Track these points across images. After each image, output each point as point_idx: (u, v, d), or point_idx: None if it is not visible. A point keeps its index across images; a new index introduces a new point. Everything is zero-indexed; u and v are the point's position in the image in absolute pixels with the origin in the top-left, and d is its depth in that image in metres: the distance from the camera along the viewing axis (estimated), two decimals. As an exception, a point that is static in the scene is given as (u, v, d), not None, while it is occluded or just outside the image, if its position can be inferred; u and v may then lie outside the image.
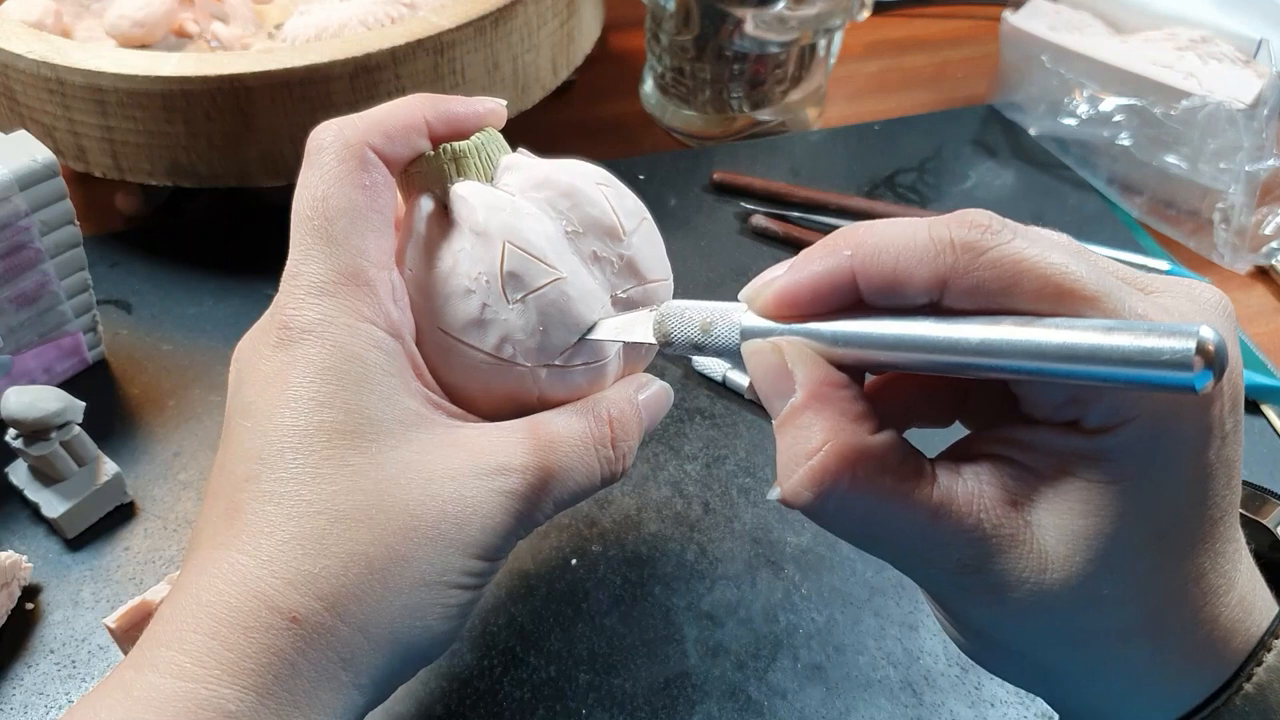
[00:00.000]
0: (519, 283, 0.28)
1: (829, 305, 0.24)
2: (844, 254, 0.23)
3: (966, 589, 0.24)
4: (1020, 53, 0.67)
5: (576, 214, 0.29)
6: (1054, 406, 0.23)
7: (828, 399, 0.23)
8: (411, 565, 0.25)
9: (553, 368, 0.29)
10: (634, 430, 0.30)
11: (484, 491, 0.26)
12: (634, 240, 0.30)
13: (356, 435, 0.26)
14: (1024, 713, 0.37)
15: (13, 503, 0.43)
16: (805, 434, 0.23)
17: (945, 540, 0.23)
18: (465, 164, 0.30)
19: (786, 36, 0.62)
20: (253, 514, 0.25)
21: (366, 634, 0.25)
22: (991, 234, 0.22)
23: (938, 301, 0.22)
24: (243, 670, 0.23)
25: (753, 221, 0.59)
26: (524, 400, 0.29)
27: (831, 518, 0.24)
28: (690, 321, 0.27)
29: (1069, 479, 0.23)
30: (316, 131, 0.29)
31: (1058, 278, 0.21)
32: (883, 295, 0.23)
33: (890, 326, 0.23)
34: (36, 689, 0.37)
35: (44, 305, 0.45)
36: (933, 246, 0.22)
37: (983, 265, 0.22)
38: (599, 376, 0.30)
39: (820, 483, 0.23)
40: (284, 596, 0.24)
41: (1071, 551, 0.23)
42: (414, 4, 0.59)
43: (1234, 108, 0.57)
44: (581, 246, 0.29)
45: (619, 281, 0.30)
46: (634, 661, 0.39)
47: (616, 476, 0.30)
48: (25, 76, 0.50)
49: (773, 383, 0.24)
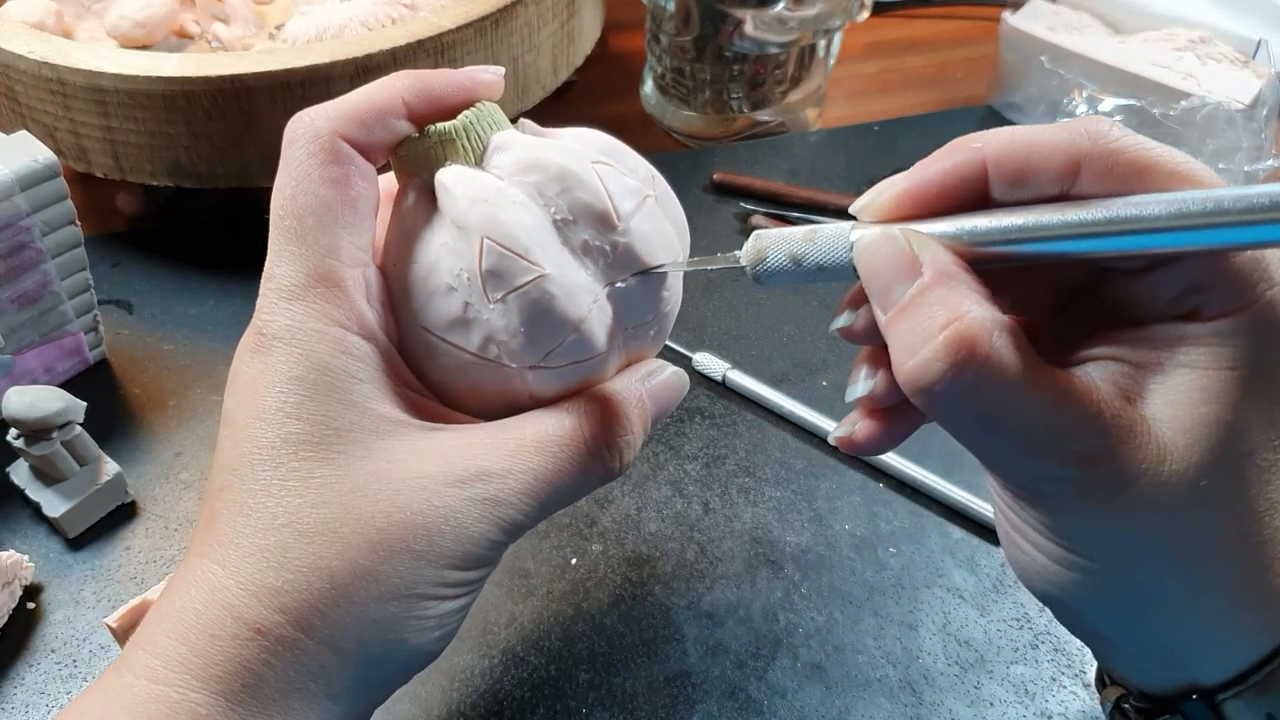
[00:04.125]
0: (499, 281, 0.26)
1: (953, 202, 0.24)
2: (973, 146, 0.24)
3: (1079, 486, 0.23)
4: (1019, 53, 0.67)
5: (566, 200, 0.27)
6: (1171, 298, 0.23)
7: (958, 277, 0.23)
8: (378, 579, 0.24)
9: (539, 368, 0.27)
10: (634, 424, 0.28)
11: (458, 500, 0.25)
12: (632, 224, 0.27)
13: (323, 446, 0.25)
14: (1023, 712, 0.38)
15: (14, 502, 0.43)
16: (937, 309, 0.23)
17: (1067, 428, 0.23)
18: (453, 146, 0.27)
19: (786, 37, 0.62)
20: (225, 524, 0.25)
21: (333, 648, 0.24)
22: (1118, 127, 0.23)
23: (1066, 192, 0.23)
24: (210, 677, 0.24)
25: (752, 222, 0.60)
26: (516, 400, 0.28)
27: (955, 399, 0.23)
28: (788, 236, 0.26)
29: (1185, 370, 0.23)
30: (290, 124, 0.27)
31: (1185, 164, 0.23)
32: (1014, 184, 0.23)
33: (1026, 215, 0.23)
34: (38, 688, 0.37)
35: (45, 305, 0.46)
36: (1067, 134, 0.23)
37: (1118, 149, 0.23)
38: (594, 372, 0.28)
39: (957, 351, 0.22)
40: (248, 608, 0.24)
41: (1191, 441, 0.23)
42: (415, 5, 0.59)
43: (1233, 108, 0.57)
44: (571, 236, 0.27)
45: (614, 271, 0.27)
46: (634, 661, 0.39)
47: (614, 473, 0.28)
48: (26, 77, 0.50)
49: (894, 269, 0.24)
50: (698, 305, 0.54)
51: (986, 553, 0.43)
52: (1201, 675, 0.26)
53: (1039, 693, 0.38)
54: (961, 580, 0.42)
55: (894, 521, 0.44)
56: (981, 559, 0.43)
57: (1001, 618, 0.41)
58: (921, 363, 0.23)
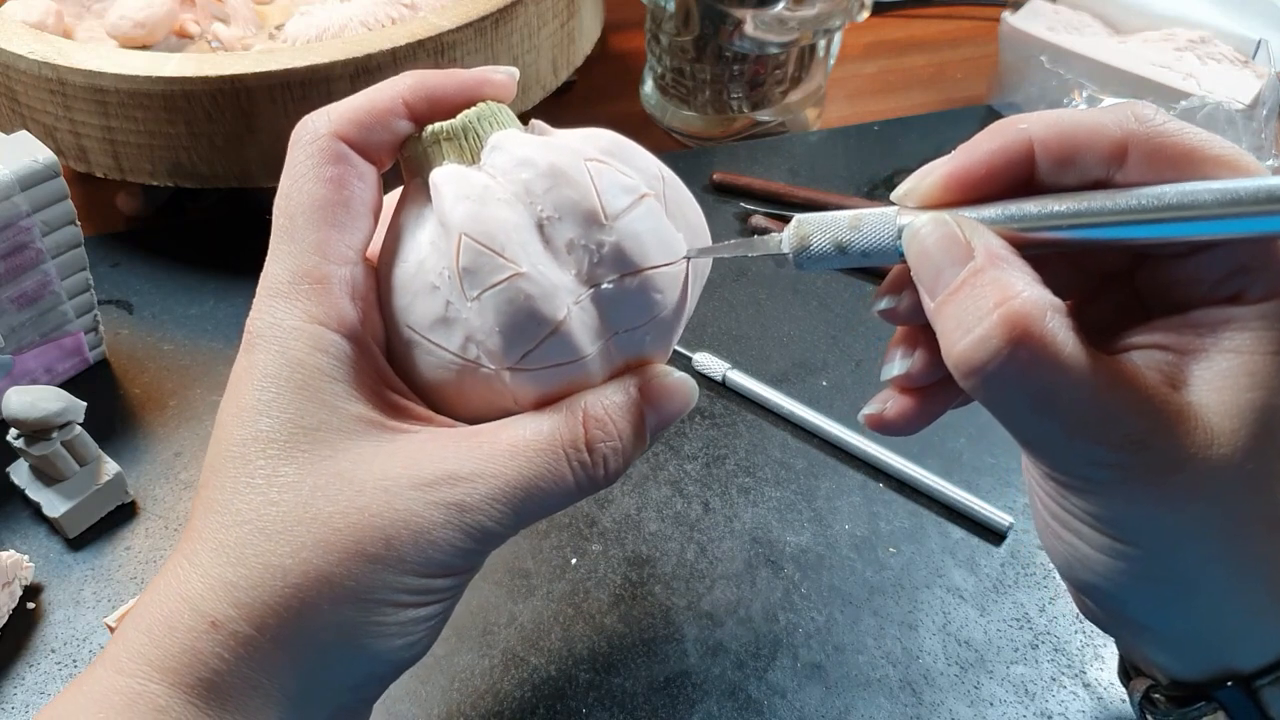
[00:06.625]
0: (474, 278, 0.25)
1: (998, 186, 0.24)
2: (1019, 128, 0.24)
3: (1129, 470, 0.23)
4: (1019, 53, 0.67)
5: (553, 197, 0.26)
6: (1214, 282, 0.24)
7: (1010, 260, 0.23)
8: (330, 582, 0.24)
9: (517, 370, 0.26)
10: (621, 429, 0.26)
11: (421, 504, 0.24)
12: (623, 224, 0.26)
13: (290, 444, 0.25)
14: (1023, 712, 0.38)
15: (14, 502, 0.43)
16: (990, 290, 0.23)
17: (1119, 412, 0.23)
18: (450, 145, 0.27)
19: (786, 37, 0.62)
20: (198, 520, 0.25)
21: (286, 648, 0.24)
22: (1163, 113, 0.23)
23: (1112, 176, 0.23)
24: (167, 669, 0.24)
25: (752, 222, 0.60)
26: (499, 404, 0.27)
27: (1008, 379, 0.23)
28: (833, 222, 0.25)
29: (1230, 355, 0.23)
30: (294, 129, 0.27)
31: (1232, 151, 0.23)
32: (1061, 167, 0.24)
33: (1077, 200, 0.23)
34: (38, 688, 0.37)
35: (45, 305, 0.46)
36: (1114, 116, 0.23)
37: (1165, 133, 0.23)
38: (577, 376, 0.27)
39: (1014, 327, 0.22)
40: (205, 601, 0.24)
41: (1238, 426, 0.23)
42: (415, 5, 0.59)
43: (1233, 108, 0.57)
44: (555, 235, 0.26)
45: (601, 272, 0.26)
46: (634, 661, 0.39)
47: (598, 482, 0.26)
48: (27, 77, 0.50)
49: (945, 254, 0.24)
50: (698, 305, 0.54)
51: (986, 553, 0.43)
52: (1238, 661, 0.26)
53: (1039, 693, 0.38)
54: (961, 580, 0.42)
55: (894, 521, 0.44)
56: (981, 559, 0.43)
57: (1001, 618, 0.41)
58: (975, 341, 0.22)
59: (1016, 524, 0.43)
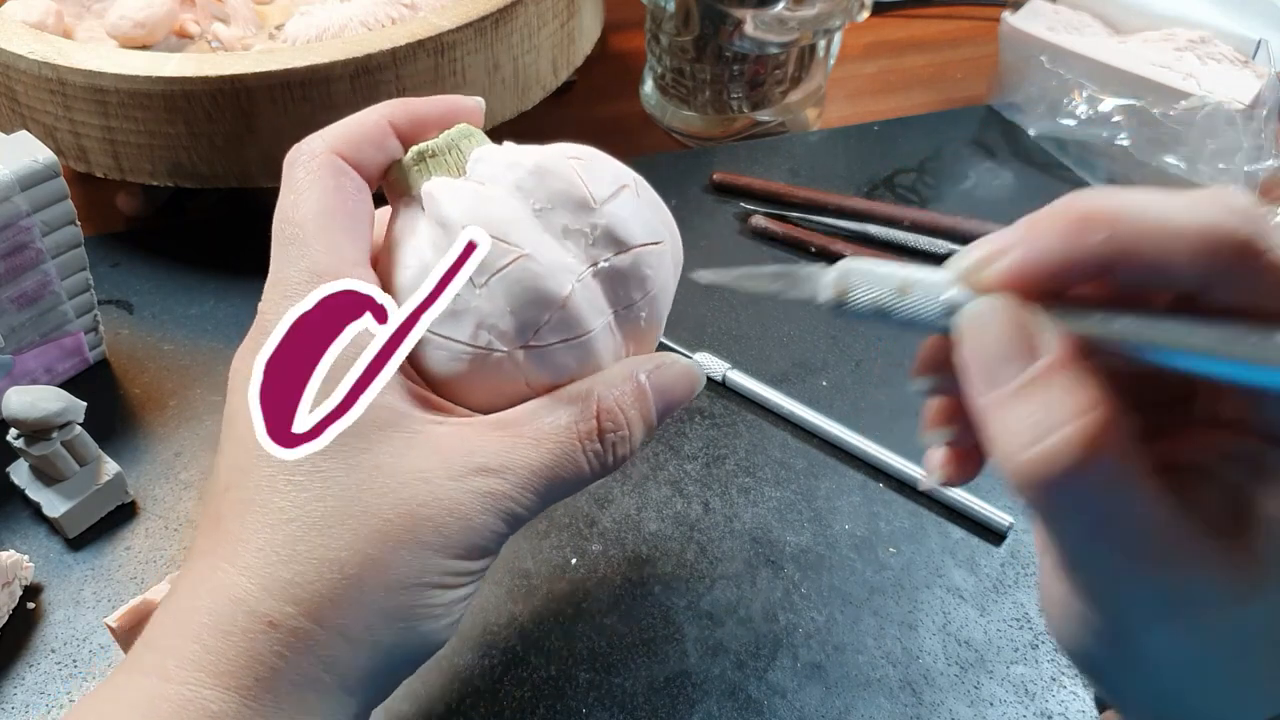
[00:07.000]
0: (482, 266, 0.27)
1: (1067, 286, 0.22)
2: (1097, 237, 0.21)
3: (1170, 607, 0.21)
4: (1019, 53, 0.67)
5: (543, 190, 0.28)
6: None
7: (1083, 365, 0.21)
8: (387, 569, 0.25)
9: (530, 349, 0.28)
10: (630, 419, 0.28)
11: (460, 493, 0.26)
12: (609, 208, 0.28)
13: None
14: (1023, 712, 0.38)
15: (14, 502, 0.43)
16: (1064, 397, 0.20)
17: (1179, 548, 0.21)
18: (436, 162, 0.30)
19: (786, 37, 0.62)
20: (232, 522, 0.26)
21: (346, 638, 0.25)
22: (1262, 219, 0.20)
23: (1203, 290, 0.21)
24: (223, 672, 0.24)
25: (752, 222, 0.60)
26: (513, 389, 0.28)
27: (1077, 496, 0.20)
28: (882, 279, 0.23)
29: None
30: (288, 153, 0.29)
31: None
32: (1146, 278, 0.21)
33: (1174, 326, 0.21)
34: (38, 688, 0.37)
35: (45, 305, 0.46)
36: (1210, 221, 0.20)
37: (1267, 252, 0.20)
38: (586, 354, 0.28)
39: (1095, 439, 0.20)
40: (260, 602, 0.24)
41: None
42: (415, 5, 0.59)
43: (1233, 108, 0.57)
44: (550, 222, 0.28)
45: (597, 252, 0.28)
46: (634, 660, 0.39)
47: (609, 468, 0.28)
48: (26, 77, 0.50)
49: (1009, 342, 0.21)
50: (697, 305, 0.54)
51: (986, 553, 0.43)
52: None
53: (1039, 693, 0.38)
54: (961, 580, 0.42)
55: (894, 521, 0.44)
56: (981, 559, 0.43)
57: (1001, 618, 0.41)
58: (1047, 453, 0.20)
59: (1016, 524, 0.43)
